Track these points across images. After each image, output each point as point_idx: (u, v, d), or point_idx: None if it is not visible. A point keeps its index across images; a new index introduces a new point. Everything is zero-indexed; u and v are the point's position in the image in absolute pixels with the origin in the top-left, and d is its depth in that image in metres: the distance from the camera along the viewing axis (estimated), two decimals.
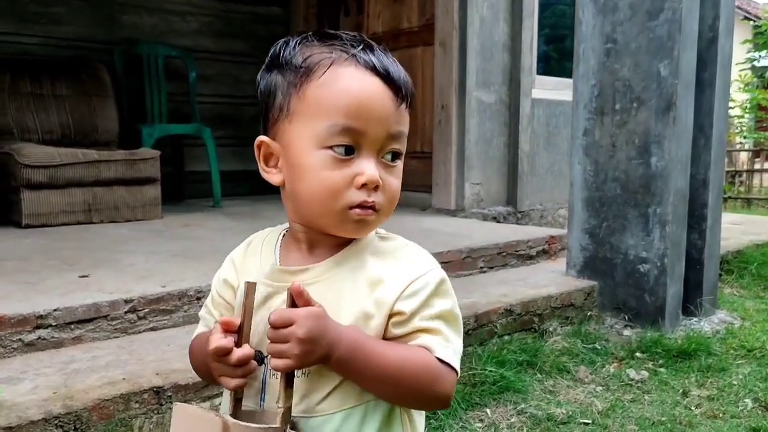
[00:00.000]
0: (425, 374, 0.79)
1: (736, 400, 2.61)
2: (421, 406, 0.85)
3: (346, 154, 0.81)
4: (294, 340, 0.72)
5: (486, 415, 2.43)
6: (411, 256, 0.88)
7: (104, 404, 1.92)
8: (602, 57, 3.38)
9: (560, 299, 3.30)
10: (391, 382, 0.77)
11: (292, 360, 0.74)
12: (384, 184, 0.83)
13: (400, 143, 0.85)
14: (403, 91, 0.84)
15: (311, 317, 0.74)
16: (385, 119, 0.82)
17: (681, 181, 3.29)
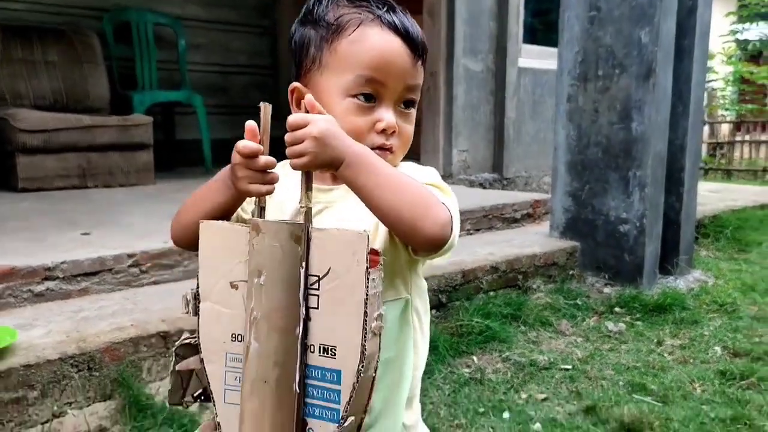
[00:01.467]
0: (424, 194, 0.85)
1: (706, 348, 2.78)
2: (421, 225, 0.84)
3: (367, 101, 0.93)
4: (309, 138, 0.81)
5: (473, 362, 2.58)
6: (417, 167, 1.00)
7: (115, 347, 2.04)
8: (586, 24, 3.49)
9: (543, 258, 3.45)
10: (397, 189, 0.83)
11: (307, 157, 0.81)
12: (400, 129, 0.95)
13: (415, 94, 0.98)
14: (420, 49, 0.96)
15: (324, 119, 0.82)
16: (403, 73, 0.94)
17: (660, 145, 3.43)
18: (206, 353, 0.87)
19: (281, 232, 0.80)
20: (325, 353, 0.81)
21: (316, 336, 0.81)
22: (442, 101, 4.88)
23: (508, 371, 2.51)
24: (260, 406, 0.81)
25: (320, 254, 0.80)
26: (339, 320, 0.80)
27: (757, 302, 3.34)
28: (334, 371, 0.81)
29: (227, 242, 0.85)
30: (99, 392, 2.00)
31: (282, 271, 0.80)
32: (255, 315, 0.80)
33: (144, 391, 2.04)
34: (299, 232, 0.80)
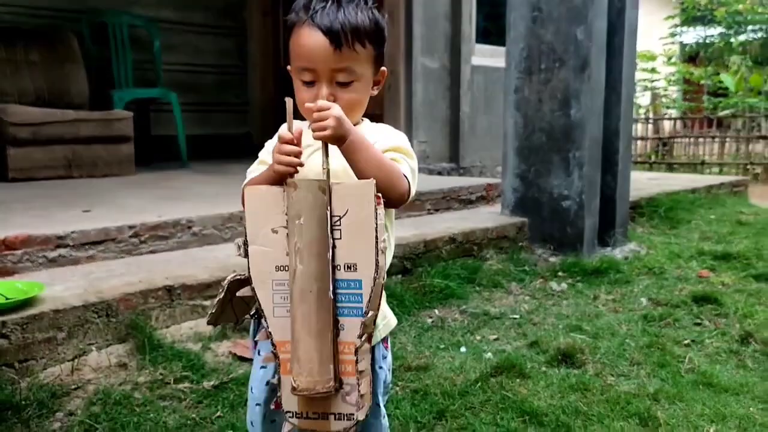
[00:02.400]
0: (396, 171, 1.24)
1: (634, 300, 3.22)
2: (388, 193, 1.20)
3: (307, 84, 1.30)
4: (331, 117, 1.15)
5: (434, 314, 2.97)
6: (391, 131, 1.38)
7: (128, 297, 2.38)
8: (530, 23, 3.93)
9: (496, 232, 3.87)
10: (377, 166, 1.20)
11: (329, 131, 1.15)
12: (337, 98, 1.28)
13: (348, 73, 1.28)
14: (343, 38, 1.26)
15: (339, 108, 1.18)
16: (326, 61, 1.25)
17: (595, 129, 3.89)
18: (256, 282, 1.20)
19: (312, 186, 1.15)
20: (349, 269, 1.16)
21: (341, 258, 1.16)
22: (402, 96, 5.29)
23: (464, 320, 2.91)
24: (308, 308, 1.14)
25: (339, 200, 1.15)
26: (357, 245, 1.15)
27: (681, 266, 3.81)
28: (357, 281, 1.15)
29: (267, 200, 1.18)
30: (116, 335, 2.33)
31: (314, 214, 1.14)
32: (298, 246, 1.14)
33: (155, 335, 2.37)
34: (324, 185, 1.15)
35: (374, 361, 1.39)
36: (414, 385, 2.19)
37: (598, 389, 2.17)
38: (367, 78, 1.32)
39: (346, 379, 1.18)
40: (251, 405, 1.40)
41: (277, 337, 1.19)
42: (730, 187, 6.37)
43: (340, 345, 1.17)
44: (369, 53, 1.29)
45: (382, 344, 1.41)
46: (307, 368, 1.15)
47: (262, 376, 1.35)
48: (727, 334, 2.72)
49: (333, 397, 1.18)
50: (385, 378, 1.43)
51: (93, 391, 2.09)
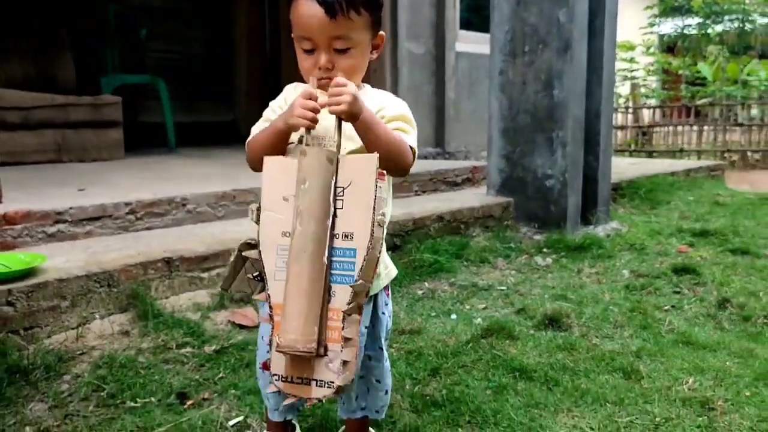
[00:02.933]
0: (404, 145, 1.35)
1: (617, 272, 3.34)
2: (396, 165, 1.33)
3: (307, 52, 1.37)
4: (347, 92, 1.24)
5: (425, 286, 3.06)
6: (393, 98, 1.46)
7: (128, 268, 2.44)
8: (514, 6, 4.02)
9: (482, 211, 3.97)
10: (387, 142, 1.30)
11: (343, 106, 1.23)
12: (337, 63, 1.36)
13: (345, 40, 1.35)
14: (337, 7, 1.32)
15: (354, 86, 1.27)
16: (323, 29, 1.32)
17: (578, 110, 4.00)
18: (263, 246, 1.28)
19: (320, 154, 1.23)
20: (346, 238, 1.23)
21: (339, 227, 1.23)
22: (388, 81, 5.36)
23: (454, 291, 3.01)
24: (300, 268, 1.21)
25: (344, 172, 1.23)
26: (356, 215, 1.22)
27: (661, 243, 3.94)
28: (352, 249, 1.23)
29: (282, 169, 1.27)
30: (117, 305, 2.40)
31: (319, 180, 1.22)
32: (300, 209, 1.22)
33: (155, 304, 2.44)
34: (332, 156, 1.23)
35: (377, 308, 1.48)
36: (408, 347, 2.28)
37: (584, 348, 2.28)
38: (365, 43, 1.38)
39: (331, 346, 1.23)
40: (262, 354, 1.48)
41: (274, 299, 1.26)
42: (707, 171, 6.53)
43: (329, 312, 1.23)
44: (365, 19, 1.35)
45: (384, 292, 1.50)
46: (292, 326, 1.20)
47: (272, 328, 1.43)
48: (705, 300, 2.84)
49: (317, 363, 1.24)
50: (387, 324, 1.52)
51: (98, 356, 2.15)
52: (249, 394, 1.94)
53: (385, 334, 1.52)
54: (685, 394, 1.93)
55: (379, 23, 1.41)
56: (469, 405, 1.86)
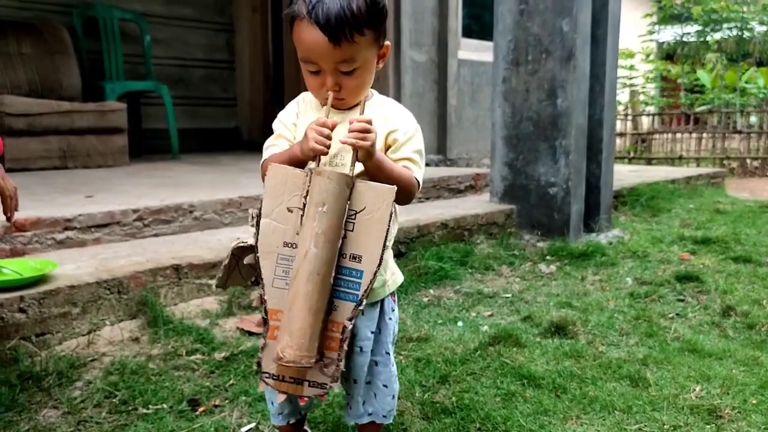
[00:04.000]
0: (411, 181, 1.39)
1: (620, 280, 3.36)
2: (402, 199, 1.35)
3: (313, 73, 1.38)
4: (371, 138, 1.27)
5: (430, 294, 3.08)
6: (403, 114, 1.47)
7: (138, 275, 2.46)
8: (517, 16, 4.06)
9: (485, 218, 3.99)
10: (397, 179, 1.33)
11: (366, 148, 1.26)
12: (343, 84, 1.37)
13: (350, 62, 1.35)
14: (340, 34, 1.28)
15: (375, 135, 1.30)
16: (326, 56, 1.33)
17: (581, 118, 4.02)
18: (262, 253, 1.31)
19: (342, 179, 1.25)
20: (354, 259, 1.28)
21: (348, 248, 1.27)
22: (391, 89, 5.39)
23: (459, 298, 3.03)
24: (312, 288, 1.24)
25: (359, 197, 1.27)
26: (366, 240, 1.27)
27: (663, 250, 3.96)
28: (359, 271, 1.28)
29: (289, 180, 1.29)
30: (127, 311, 2.41)
31: (338, 204, 1.25)
32: (317, 231, 1.24)
33: (164, 311, 2.45)
34: (351, 181, 1.26)
35: (384, 313, 1.50)
36: (417, 354, 2.30)
37: (591, 356, 2.30)
38: (370, 60, 1.38)
39: (328, 353, 1.30)
40: None
41: (271, 305, 1.30)
42: (707, 179, 6.57)
43: (330, 323, 1.29)
44: (369, 38, 1.34)
45: (390, 298, 1.52)
46: (298, 343, 1.24)
47: None
48: (709, 308, 2.87)
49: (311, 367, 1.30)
50: (394, 329, 1.54)
51: (109, 362, 2.17)
52: (260, 401, 1.95)
53: (392, 339, 1.54)
54: (692, 402, 1.95)
55: (383, 34, 1.40)
56: (479, 412, 1.88)
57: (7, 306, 2.13)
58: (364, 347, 1.46)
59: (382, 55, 1.42)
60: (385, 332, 1.52)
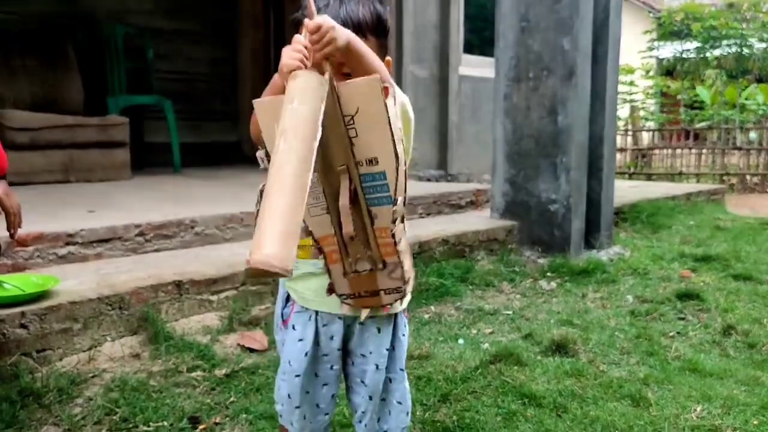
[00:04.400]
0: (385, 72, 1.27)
1: (621, 297, 3.36)
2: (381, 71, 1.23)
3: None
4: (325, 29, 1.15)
5: (431, 310, 3.08)
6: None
7: (139, 291, 2.46)
8: (518, 34, 4.08)
9: (486, 234, 3.99)
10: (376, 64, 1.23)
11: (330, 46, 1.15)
12: None
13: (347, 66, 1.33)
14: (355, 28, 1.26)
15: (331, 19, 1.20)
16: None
17: (582, 135, 4.04)
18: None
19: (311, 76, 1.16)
20: (371, 163, 1.21)
21: (360, 154, 1.20)
22: None
23: (460, 315, 3.03)
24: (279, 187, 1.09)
25: (348, 99, 1.18)
26: (374, 139, 1.19)
27: (663, 267, 3.96)
28: (381, 173, 1.21)
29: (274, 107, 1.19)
30: (128, 327, 2.41)
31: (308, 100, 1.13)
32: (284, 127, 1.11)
33: (165, 327, 2.45)
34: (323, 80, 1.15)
35: (397, 329, 1.49)
36: (418, 372, 2.30)
37: (592, 375, 2.30)
38: None
39: (389, 260, 1.27)
40: (290, 378, 1.44)
41: (317, 233, 1.28)
42: (707, 195, 6.58)
43: (377, 231, 1.25)
44: (371, 45, 1.34)
45: (403, 314, 1.51)
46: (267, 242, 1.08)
47: (300, 348, 1.42)
48: (709, 327, 2.87)
49: (380, 276, 1.29)
50: (407, 345, 1.53)
51: (110, 379, 2.17)
52: (261, 419, 1.95)
53: (406, 356, 1.54)
54: (693, 423, 1.95)
55: (386, 48, 1.42)
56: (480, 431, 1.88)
57: (9, 322, 2.13)
58: (380, 364, 1.45)
59: None
60: (399, 349, 1.51)
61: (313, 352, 1.42)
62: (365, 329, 1.43)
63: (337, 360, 1.45)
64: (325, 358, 1.44)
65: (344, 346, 1.45)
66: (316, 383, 1.44)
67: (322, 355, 1.43)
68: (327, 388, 1.46)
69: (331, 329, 1.42)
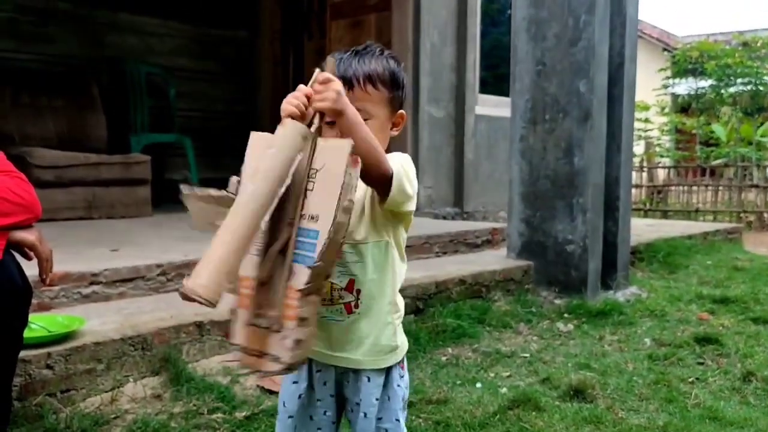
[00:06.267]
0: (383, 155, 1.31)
1: (638, 341, 3.35)
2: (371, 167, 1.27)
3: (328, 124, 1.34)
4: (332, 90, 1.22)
5: (448, 352, 3.09)
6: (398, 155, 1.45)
7: (162, 332, 2.50)
8: (534, 76, 4.15)
9: (503, 274, 4.01)
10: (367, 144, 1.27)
11: (328, 102, 1.21)
12: None
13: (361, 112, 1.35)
14: (354, 81, 1.36)
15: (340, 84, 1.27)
16: None
17: (598, 176, 4.07)
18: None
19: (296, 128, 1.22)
20: (311, 219, 1.23)
21: (307, 208, 1.23)
22: (409, 143, 5.49)
23: (477, 358, 3.03)
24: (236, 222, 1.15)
25: (320, 155, 1.24)
26: (323, 198, 1.22)
27: (681, 309, 3.95)
28: (315, 231, 1.22)
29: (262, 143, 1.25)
30: (150, 368, 2.44)
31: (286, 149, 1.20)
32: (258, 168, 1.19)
33: (187, 368, 2.48)
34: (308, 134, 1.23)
35: (392, 381, 1.50)
36: (435, 417, 2.31)
37: (610, 422, 2.29)
38: (382, 118, 1.43)
39: (286, 324, 1.23)
40: (283, 418, 1.50)
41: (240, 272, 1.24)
42: (725, 234, 6.55)
43: (288, 290, 1.23)
44: (381, 95, 1.41)
45: (398, 366, 1.51)
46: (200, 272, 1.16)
47: (293, 390, 1.47)
48: (729, 373, 2.85)
49: (271, 338, 1.24)
50: (404, 395, 1.53)
51: (132, 420, 2.19)
52: None
53: (402, 406, 1.53)
54: None
55: (399, 103, 1.46)
56: None
57: (35, 362, 2.17)
58: (368, 413, 1.46)
59: (397, 123, 1.47)
60: (394, 399, 1.50)
61: (308, 395, 1.46)
62: (357, 378, 1.45)
63: (330, 406, 1.48)
64: (319, 403, 1.47)
65: (342, 394, 1.48)
66: (310, 426, 1.48)
67: (317, 399, 1.47)
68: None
69: (325, 375, 1.46)
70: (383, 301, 1.45)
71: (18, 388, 2.10)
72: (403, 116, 1.49)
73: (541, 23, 4.10)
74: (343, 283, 1.42)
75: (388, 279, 1.45)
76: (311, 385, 1.47)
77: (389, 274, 1.45)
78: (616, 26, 4.20)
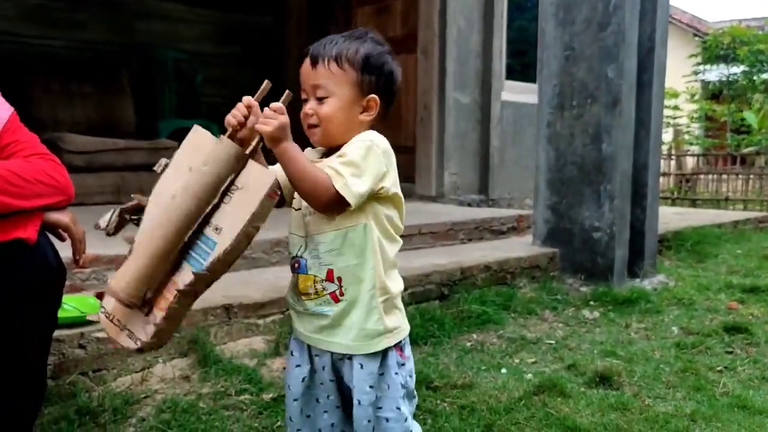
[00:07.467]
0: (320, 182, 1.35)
1: (666, 329, 3.32)
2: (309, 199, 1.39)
3: (303, 101, 1.46)
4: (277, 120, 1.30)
5: (473, 338, 3.09)
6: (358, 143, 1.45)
7: (190, 313, 2.51)
8: (562, 62, 4.10)
9: (528, 261, 3.99)
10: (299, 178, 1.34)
11: (269, 128, 1.29)
12: (316, 112, 1.44)
13: (321, 89, 1.43)
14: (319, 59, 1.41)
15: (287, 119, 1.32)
16: (308, 77, 1.43)
17: (626, 163, 4.03)
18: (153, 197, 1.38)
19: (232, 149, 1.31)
20: (215, 230, 1.31)
21: (215, 219, 1.30)
22: (434, 129, 5.47)
23: (503, 344, 3.03)
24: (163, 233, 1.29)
25: (246, 175, 1.31)
26: (232, 216, 1.29)
27: (710, 298, 3.90)
28: (214, 242, 1.30)
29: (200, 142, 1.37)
30: (179, 350, 2.48)
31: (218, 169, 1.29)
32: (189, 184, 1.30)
33: (214, 350, 2.52)
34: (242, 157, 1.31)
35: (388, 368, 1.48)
36: (461, 402, 2.32)
37: (637, 409, 2.28)
38: (346, 98, 1.44)
39: (155, 311, 1.32)
40: (289, 402, 1.54)
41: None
42: (755, 223, 6.45)
43: (171, 282, 1.32)
44: (347, 76, 1.43)
45: (395, 351, 1.49)
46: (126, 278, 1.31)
47: (297, 374, 1.50)
48: (759, 362, 2.82)
49: (137, 318, 1.33)
50: (405, 383, 1.50)
51: (161, 400, 2.23)
52: None
53: (403, 394, 1.50)
54: None
55: (371, 87, 1.46)
56: None
57: (68, 342, 2.22)
58: (362, 400, 1.45)
59: (368, 108, 1.46)
60: (394, 388, 1.48)
61: (311, 378, 1.50)
62: (350, 365, 1.46)
63: (332, 391, 1.50)
64: (322, 386, 1.50)
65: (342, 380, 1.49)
66: (317, 409, 1.51)
67: (320, 383, 1.50)
68: (327, 415, 1.51)
69: (322, 360, 1.49)
70: (366, 285, 1.44)
71: (52, 367, 2.16)
72: (376, 101, 1.47)
73: (570, 7, 4.05)
74: (322, 273, 1.44)
75: (369, 262, 1.44)
76: (314, 368, 1.50)
77: (370, 258, 1.44)
78: (647, 11, 4.13)
